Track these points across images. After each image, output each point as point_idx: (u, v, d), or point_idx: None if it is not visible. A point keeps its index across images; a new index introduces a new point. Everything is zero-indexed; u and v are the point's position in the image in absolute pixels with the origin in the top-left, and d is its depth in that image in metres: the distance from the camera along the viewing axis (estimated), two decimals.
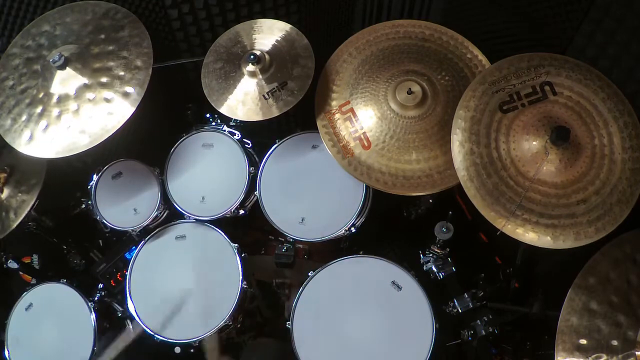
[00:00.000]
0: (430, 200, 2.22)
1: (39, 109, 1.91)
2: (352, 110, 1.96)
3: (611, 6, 1.71)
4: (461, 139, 1.70)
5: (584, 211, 1.62)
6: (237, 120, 2.22)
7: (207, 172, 2.21)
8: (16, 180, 2.09)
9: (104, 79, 1.92)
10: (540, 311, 1.80)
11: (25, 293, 2.12)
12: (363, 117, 1.94)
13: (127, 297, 2.07)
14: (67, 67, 1.91)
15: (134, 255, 2.14)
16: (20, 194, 2.06)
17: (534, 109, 1.70)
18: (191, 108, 2.33)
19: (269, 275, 2.31)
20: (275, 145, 2.19)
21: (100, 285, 2.23)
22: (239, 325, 2.11)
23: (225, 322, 1.99)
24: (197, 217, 2.16)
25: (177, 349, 2.00)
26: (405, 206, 2.34)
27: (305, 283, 1.95)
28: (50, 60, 1.89)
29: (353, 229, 2.06)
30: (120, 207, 2.18)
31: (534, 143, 1.65)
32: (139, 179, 2.20)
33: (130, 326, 2.15)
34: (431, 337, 1.81)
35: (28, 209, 2.02)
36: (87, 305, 2.07)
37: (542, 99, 1.71)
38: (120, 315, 2.22)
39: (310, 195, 2.11)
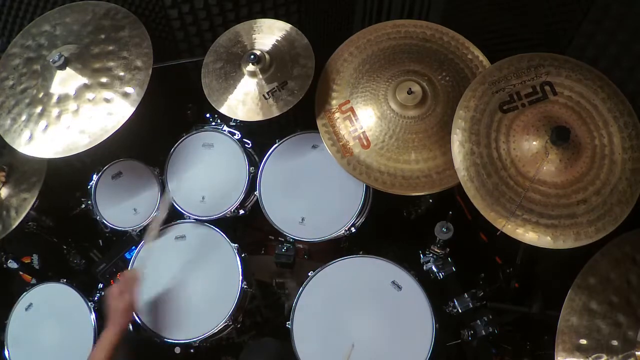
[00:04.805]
0: (431, 200, 2.22)
1: (38, 109, 1.91)
2: (352, 109, 1.96)
3: (611, 6, 1.71)
4: (461, 139, 1.70)
5: (584, 211, 1.62)
6: (237, 120, 2.22)
7: (207, 172, 2.21)
8: (16, 179, 2.09)
9: (104, 79, 1.92)
10: (540, 311, 1.80)
11: (25, 293, 2.12)
12: (363, 117, 1.94)
13: None
14: (67, 67, 1.91)
15: (134, 255, 2.14)
16: (20, 193, 2.06)
17: (534, 109, 1.70)
18: (191, 108, 2.33)
19: (269, 275, 2.31)
20: (276, 145, 2.19)
21: (100, 285, 2.23)
22: (239, 325, 2.11)
23: (225, 322, 1.99)
24: (197, 217, 2.16)
25: (177, 349, 2.00)
26: (405, 206, 2.34)
27: (305, 283, 1.95)
28: (50, 60, 1.89)
29: (353, 229, 2.06)
30: (120, 207, 2.18)
31: (534, 143, 1.65)
32: (139, 179, 2.20)
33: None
34: (431, 337, 1.81)
35: (29, 207, 2.02)
36: (87, 305, 2.07)
37: (542, 99, 1.71)
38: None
39: (310, 195, 2.11)
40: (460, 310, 1.91)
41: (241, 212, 2.18)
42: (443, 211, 1.90)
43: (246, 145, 2.24)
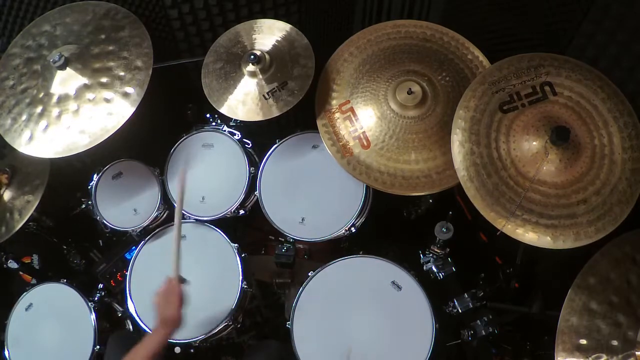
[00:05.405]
0: (431, 200, 2.22)
1: (39, 109, 1.91)
2: (352, 109, 1.96)
3: (611, 6, 1.71)
4: (461, 139, 1.70)
5: (584, 211, 1.62)
6: (237, 120, 2.22)
7: (207, 172, 2.21)
8: (19, 181, 2.09)
9: (104, 79, 1.92)
10: (540, 311, 1.80)
11: (25, 293, 2.12)
12: (363, 117, 1.94)
13: (127, 297, 2.07)
14: (67, 67, 1.91)
15: (134, 255, 2.14)
16: (24, 195, 2.06)
17: (534, 109, 1.70)
18: (191, 108, 2.33)
19: (269, 275, 2.31)
20: (276, 145, 2.19)
21: (100, 285, 2.23)
22: (239, 325, 2.11)
23: (225, 322, 1.99)
24: (197, 217, 2.16)
25: (177, 349, 2.00)
26: (405, 206, 2.34)
27: (305, 283, 1.95)
28: (51, 60, 1.89)
29: (353, 229, 2.06)
30: (121, 207, 2.18)
31: (534, 143, 1.65)
32: (139, 179, 2.20)
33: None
34: (431, 337, 1.81)
35: (32, 209, 2.02)
36: (87, 305, 2.07)
37: (542, 99, 1.71)
38: (120, 315, 2.22)
39: (310, 195, 2.11)
40: (460, 310, 1.91)
41: (241, 212, 2.18)
42: (443, 211, 1.90)
43: (246, 145, 2.24)
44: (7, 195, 2.08)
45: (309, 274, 1.97)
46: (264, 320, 2.39)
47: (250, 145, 2.26)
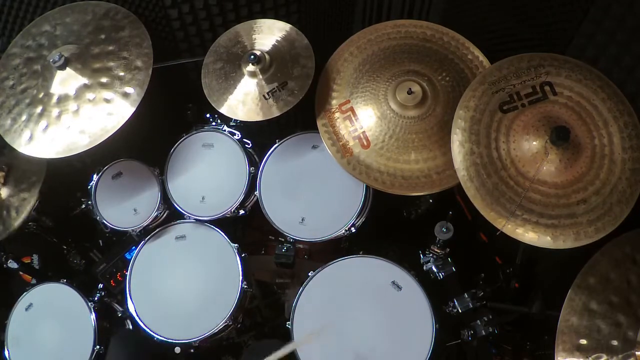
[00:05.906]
0: (431, 200, 2.22)
1: (38, 109, 1.91)
2: (352, 109, 1.96)
3: (611, 6, 1.71)
4: (461, 139, 1.70)
5: (584, 211, 1.62)
6: (237, 120, 2.22)
7: (207, 172, 2.21)
8: (16, 179, 2.09)
9: (104, 80, 1.92)
10: (540, 311, 1.80)
11: (25, 293, 2.12)
12: (363, 117, 1.94)
13: (127, 297, 2.07)
14: (67, 67, 1.91)
15: (134, 255, 2.14)
16: (20, 193, 2.06)
17: (534, 109, 1.70)
18: (191, 108, 2.33)
19: (269, 275, 2.31)
20: (276, 145, 2.19)
21: (100, 285, 2.23)
22: (239, 325, 2.11)
23: (225, 322, 1.99)
24: (197, 217, 2.16)
25: (177, 349, 2.00)
26: (405, 206, 2.34)
27: (305, 283, 1.95)
28: (51, 60, 1.89)
29: (353, 229, 2.06)
30: (120, 207, 2.18)
31: (534, 143, 1.65)
32: (139, 179, 2.20)
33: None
34: (431, 337, 1.81)
35: (29, 206, 2.02)
36: (87, 305, 2.07)
37: (542, 99, 1.71)
38: (120, 315, 2.22)
39: (310, 195, 2.11)
40: (460, 310, 1.91)
41: (241, 212, 2.18)
42: (443, 211, 1.90)
43: (246, 145, 2.24)
44: (4, 193, 2.08)
45: (309, 274, 1.97)
46: (264, 320, 2.39)
47: (250, 145, 2.26)
